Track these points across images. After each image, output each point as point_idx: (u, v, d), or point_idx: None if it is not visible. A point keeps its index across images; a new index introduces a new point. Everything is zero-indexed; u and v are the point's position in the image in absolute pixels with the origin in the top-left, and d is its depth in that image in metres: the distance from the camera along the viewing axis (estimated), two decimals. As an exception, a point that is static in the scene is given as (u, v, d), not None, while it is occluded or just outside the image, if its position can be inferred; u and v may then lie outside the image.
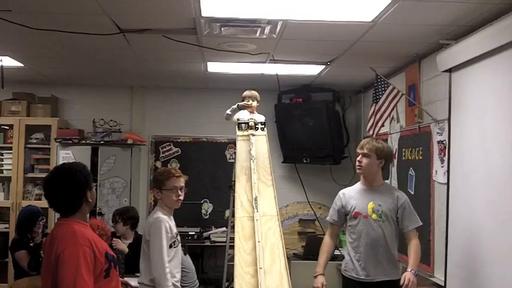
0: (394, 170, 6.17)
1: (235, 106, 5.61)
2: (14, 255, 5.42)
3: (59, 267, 2.65)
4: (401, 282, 3.94)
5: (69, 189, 2.83)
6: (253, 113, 5.91)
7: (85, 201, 2.87)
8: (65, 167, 2.97)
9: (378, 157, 4.27)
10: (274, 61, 5.77)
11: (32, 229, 5.45)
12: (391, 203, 4.21)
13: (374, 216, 4.17)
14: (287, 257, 3.79)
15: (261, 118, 5.97)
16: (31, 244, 5.45)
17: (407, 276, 3.94)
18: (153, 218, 3.88)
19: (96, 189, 3.88)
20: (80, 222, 2.85)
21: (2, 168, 7.70)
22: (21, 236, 5.48)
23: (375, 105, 5.34)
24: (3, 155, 7.70)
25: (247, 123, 5.60)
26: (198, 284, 5.31)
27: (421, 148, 5.38)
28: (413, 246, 4.14)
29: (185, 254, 5.25)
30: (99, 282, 2.71)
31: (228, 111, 5.91)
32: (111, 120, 7.66)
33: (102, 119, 7.65)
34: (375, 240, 4.14)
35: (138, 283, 3.96)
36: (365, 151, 4.27)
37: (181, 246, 5.33)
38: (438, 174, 4.94)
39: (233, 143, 6.70)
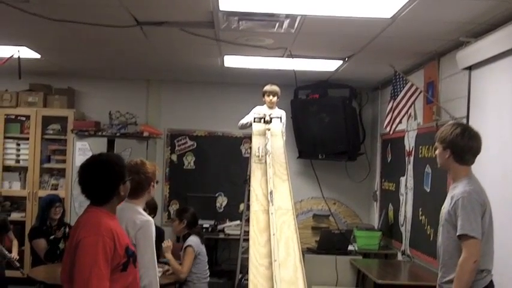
0: (410, 167, 6.15)
1: (250, 119, 5.61)
2: (31, 243, 5.47)
3: (78, 254, 2.66)
4: None
5: (102, 179, 2.83)
6: (273, 108, 5.92)
7: (117, 193, 2.87)
8: (101, 157, 2.98)
9: (444, 147, 3.40)
10: (291, 56, 5.75)
11: (49, 214, 5.51)
12: (449, 204, 3.36)
13: (440, 220, 3.49)
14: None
15: (280, 113, 5.98)
16: (51, 237, 5.49)
17: None
18: (142, 221, 3.46)
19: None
20: (108, 213, 2.85)
21: (19, 158, 7.76)
22: (40, 224, 5.53)
23: (393, 102, 5.32)
24: (20, 146, 7.77)
25: (264, 118, 5.61)
26: (208, 274, 5.32)
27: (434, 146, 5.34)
28: (457, 269, 3.23)
29: (202, 244, 5.28)
30: (115, 275, 2.71)
31: (243, 122, 5.92)
32: (127, 113, 7.69)
33: (118, 112, 7.68)
34: (437, 249, 3.49)
35: None
36: (435, 143, 3.53)
37: (199, 235, 5.37)
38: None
39: (248, 137, 6.70)
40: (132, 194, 3.36)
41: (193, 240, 5.21)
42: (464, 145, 3.32)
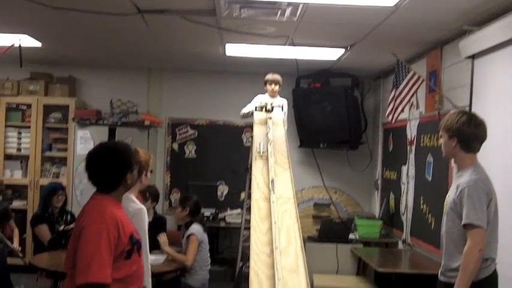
0: (412, 156, 6.14)
1: (252, 108, 5.60)
2: (34, 230, 5.48)
3: (80, 241, 2.66)
4: None
5: (109, 167, 2.83)
6: (275, 97, 5.91)
7: (123, 182, 2.86)
8: (109, 145, 2.98)
9: (450, 136, 3.37)
10: (293, 44, 5.73)
11: (52, 202, 5.52)
12: (454, 193, 3.33)
13: (444, 207, 3.49)
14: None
15: (281, 102, 5.97)
16: (60, 229, 5.51)
17: None
18: (135, 209, 3.39)
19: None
20: (113, 201, 2.84)
21: (21, 146, 7.77)
22: (42, 211, 5.54)
23: (395, 91, 5.31)
24: (21, 134, 7.77)
25: (265, 107, 5.60)
26: (209, 261, 5.34)
27: (439, 135, 5.32)
28: (462, 258, 3.22)
29: (204, 232, 5.29)
30: (118, 263, 2.70)
31: (245, 111, 5.91)
32: (129, 102, 7.68)
33: (120, 100, 7.67)
34: (441, 237, 3.48)
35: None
36: (439, 132, 3.51)
37: (201, 223, 5.38)
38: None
39: (250, 126, 6.70)
40: None
41: (196, 228, 5.22)
42: (471, 133, 3.31)
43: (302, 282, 3.13)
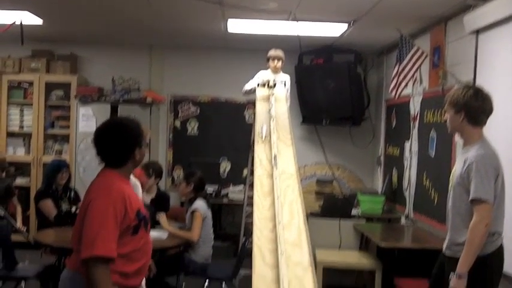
0: (415, 132, 6.13)
1: (254, 85, 5.57)
2: (38, 205, 5.49)
3: (87, 215, 2.66)
4: None
5: (117, 142, 2.83)
6: (277, 73, 5.88)
7: (132, 158, 2.86)
8: (118, 120, 2.97)
9: (456, 109, 3.34)
10: (296, 19, 5.68)
11: (55, 179, 5.53)
12: (461, 167, 3.31)
13: (450, 182, 3.48)
14: (304, 215, 3.78)
15: (284, 78, 5.94)
16: (65, 209, 5.53)
17: (450, 286, 3.25)
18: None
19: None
20: (121, 177, 2.84)
21: (23, 124, 7.77)
22: (46, 188, 5.55)
23: (399, 66, 5.28)
24: (23, 112, 7.77)
25: (268, 83, 5.57)
26: (213, 237, 5.36)
27: (443, 110, 5.31)
28: (468, 232, 3.22)
29: (208, 208, 5.31)
30: (125, 238, 2.71)
31: (247, 88, 5.88)
32: (130, 79, 7.65)
33: (121, 77, 7.64)
34: (447, 211, 3.49)
35: None
36: (444, 106, 3.47)
37: (205, 199, 5.39)
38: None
39: (252, 103, 6.67)
40: None
41: (200, 204, 5.23)
42: (479, 107, 3.30)
43: (305, 256, 3.13)
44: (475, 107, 3.29)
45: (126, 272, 2.72)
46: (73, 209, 5.55)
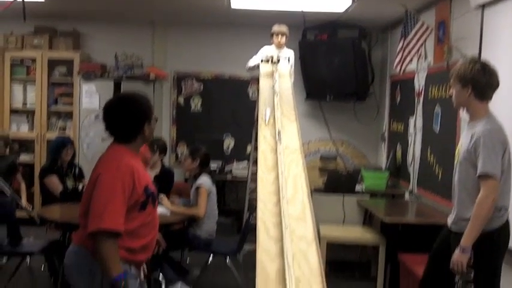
0: (419, 108, 6.10)
1: (258, 61, 5.53)
2: (43, 181, 5.49)
3: (95, 189, 2.67)
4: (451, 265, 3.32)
5: (127, 117, 2.82)
6: (281, 48, 5.83)
7: (141, 133, 2.85)
8: (128, 95, 2.96)
9: (462, 84, 3.31)
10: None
11: (60, 156, 5.53)
12: (468, 142, 3.29)
13: (456, 157, 3.46)
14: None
15: (288, 53, 5.90)
16: (71, 186, 5.54)
17: (453, 259, 3.28)
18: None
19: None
20: (130, 152, 2.84)
21: (26, 101, 7.76)
22: (51, 164, 5.55)
23: (403, 41, 5.24)
24: (27, 89, 7.76)
25: (271, 59, 5.54)
26: (217, 212, 5.37)
27: (448, 85, 5.27)
28: (474, 207, 3.21)
29: (213, 183, 5.31)
30: (132, 213, 2.72)
31: (250, 64, 5.85)
32: (133, 55, 7.62)
33: (124, 54, 7.60)
34: (453, 186, 3.47)
35: None
36: (450, 81, 3.44)
37: (210, 174, 5.39)
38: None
39: (256, 79, 6.64)
40: None
41: (205, 179, 5.23)
42: (486, 81, 3.27)
43: (309, 230, 3.14)
44: (482, 81, 3.27)
45: (132, 247, 2.73)
46: (80, 186, 5.57)
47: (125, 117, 2.83)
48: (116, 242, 2.64)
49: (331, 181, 6.51)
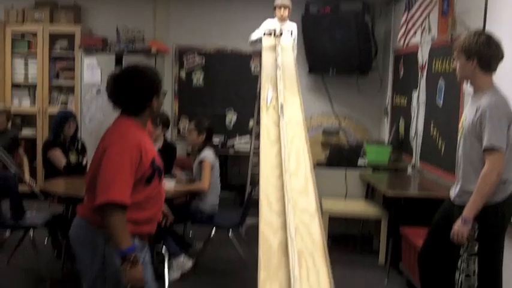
0: (423, 82, 6.07)
1: (261, 34, 5.48)
2: (47, 155, 5.48)
3: (103, 162, 2.66)
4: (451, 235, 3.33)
5: (136, 89, 2.79)
6: (284, 21, 5.78)
7: (149, 106, 2.83)
8: (138, 67, 2.91)
9: (467, 56, 3.28)
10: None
11: (63, 130, 5.52)
12: (473, 115, 3.26)
13: (460, 130, 3.45)
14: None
15: (291, 26, 5.84)
16: (80, 160, 5.54)
17: (453, 229, 3.29)
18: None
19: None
20: (138, 125, 2.82)
21: (28, 75, 7.73)
22: (54, 138, 5.54)
23: (407, 14, 5.20)
24: (28, 63, 7.72)
25: (274, 32, 5.50)
26: (220, 186, 5.38)
27: (452, 59, 5.23)
28: (479, 180, 3.21)
29: (216, 157, 5.31)
30: (138, 187, 2.71)
31: (253, 38, 5.80)
32: (135, 29, 7.56)
33: (126, 27, 7.54)
34: (457, 160, 3.47)
35: None
36: (454, 53, 3.41)
37: (213, 148, 5.39)
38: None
39: (258, 53, 6.60)
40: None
41: (209, 153, 5.23)
42: (492, 53, 3.25)
43: (312, 203, 3.14)
44: (488, 53, 3.24)
45: (136, 219, 2.73)
46: (84, 161, 5.57)
47: (134, 90, 2.80)
48: (124, 215, 2.64)
49: (334, 155, 6.51)
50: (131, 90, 2.80)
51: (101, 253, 2.73)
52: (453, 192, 3.48)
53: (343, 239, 6.12)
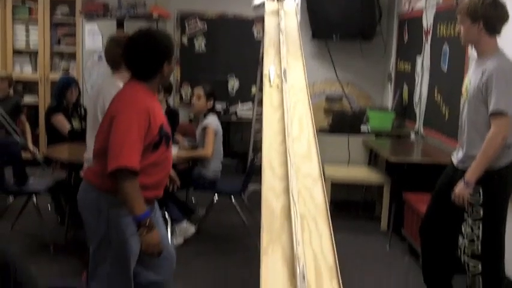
0: (427, 47, 6.00)
1: None
2: (51, 120, 5.46)
3: (113, 129, 2.65)
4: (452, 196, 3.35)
5: (147, 54, 2.76)
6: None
7: (159, 72, 2.80)
8: (151, 31, 2.89)
9: (473, 19, 3.24)
10: None
11: (65, 96, 5.50)
12: (478, 78, 3.22)
13: (464, 94, 3.41)
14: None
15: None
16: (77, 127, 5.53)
17: (455, 191, 3.30)
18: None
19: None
20: (147, 90, 2.80)
21: (29, 42, 7.67)
22: (57, 103, 5.52)
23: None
24: (29, 29, 7.66)
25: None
26: (222, 152, 5.38)
27: (457, 23, 5.17)
28: (483, 143, 3.20)
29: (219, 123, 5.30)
30: (145, 153, 2.70)
31: (256, 2, 5.69)
32: (136, -8, 7.48)
33: (127, -9, 7.47)
34: (460, 125, 3.44)
35: (86, 159, 3.73)
36: (458, 17, 3.36)
37: (217, 114, 5.36)
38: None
39: (261, 18, 6.52)
40: (111, 66, 3.63)
41: (213, 119, 5.22)
42: (498, 15, 3.22)
43: (315, 168, 3.13)
44: (494, 15, 3.20)
45: (142, 184, 2.72)
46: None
47: (146, 53, 2.77)
48: (137, 180, 2.63)
49: (337, 121, 6.48)
50: (143, 53, 2.77)
51: (105, 217, 2.76)
52: (456, 157, 3.47)
53: (346, 205, 6.14)
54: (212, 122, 5.18)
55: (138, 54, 2.78)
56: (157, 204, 3.01)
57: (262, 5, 5.57)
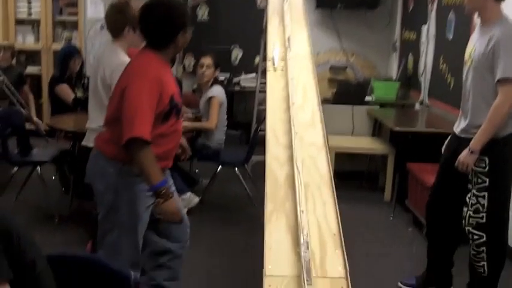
0: (433, 15, 5.93)
1: None
2: (55, 90, 5.44)
3: (125, 97, 2.63)
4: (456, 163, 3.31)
5: (162, 23, 2.71)
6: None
7: (173, 42, 2.75)
8: (166, 0, 2.80)
9: None
10: None
11: (69, 66, 5.46)
12: (484, 45, 3.15)
13: (468, 62, 3.34)
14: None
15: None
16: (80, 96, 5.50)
17: (459, 159, 3.26)
18: (117, 63, 3.27)
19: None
20: (161, 60, 2.76)
21: (31, 11, 7.62)
22: (61, 73, 5.48)
23: None
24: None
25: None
26: (226, 122, 5.36)
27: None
28: (490, 111, 3.15)
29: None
30: (155, 124, 2.67)
31: None
32: (138, -38, 7.37)
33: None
34: (464, 93, 3.39)
35: (88, 128, 3.76)
36: None
37: (222, 84, 5.32)
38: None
39: (264, -13, 6.45)
40: (112, 33, 3.57)
41: (219, 90, 5.19)
42: None
43: (319, 137, 3.12)
44: None
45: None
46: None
47: (161, 22, 2.72)
48: (151, 150, 2.62)
49: (341, 91, 6.45)
50: (159, 22, 2.72)
51: (113, 184, 2.76)
52: (458, 126, 3.43)
53: (350, 176, 6.12)
54: (218, 93, 5.14)
55: (153, 23, 2.74)
56: (169, 174, 3.00)
57: None
